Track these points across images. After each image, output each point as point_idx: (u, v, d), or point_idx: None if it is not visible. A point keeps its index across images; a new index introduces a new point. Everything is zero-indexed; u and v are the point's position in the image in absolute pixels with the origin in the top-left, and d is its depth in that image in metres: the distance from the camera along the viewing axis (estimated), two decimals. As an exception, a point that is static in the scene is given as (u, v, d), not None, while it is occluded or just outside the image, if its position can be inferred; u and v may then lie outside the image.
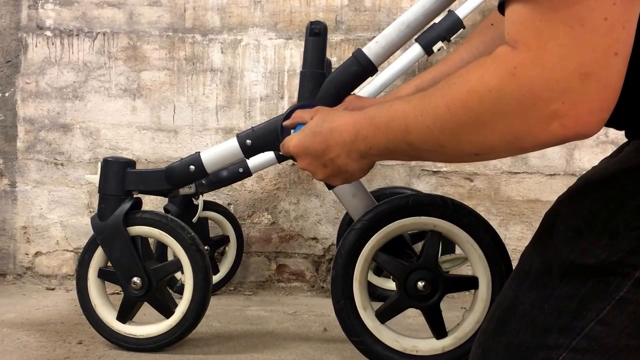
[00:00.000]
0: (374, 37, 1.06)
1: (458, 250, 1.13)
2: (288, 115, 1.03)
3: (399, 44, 1.05)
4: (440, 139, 0.56)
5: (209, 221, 1.72)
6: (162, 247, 1.58)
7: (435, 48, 1.59)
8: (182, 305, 1.18)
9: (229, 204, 1.84)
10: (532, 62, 0.47)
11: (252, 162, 1.63)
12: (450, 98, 0.53)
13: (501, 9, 0.52)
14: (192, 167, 1.15)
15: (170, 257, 1.60)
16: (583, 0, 0.44)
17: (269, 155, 1.64)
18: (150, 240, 1.29)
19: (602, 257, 0.54)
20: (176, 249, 1.18)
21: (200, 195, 1.55)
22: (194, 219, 1.47)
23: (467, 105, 0.52)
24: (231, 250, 1.74)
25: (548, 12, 0.46)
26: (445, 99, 0.54)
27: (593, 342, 0.52)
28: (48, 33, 1.86)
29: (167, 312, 1.19)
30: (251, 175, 1.69)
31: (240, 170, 1.64)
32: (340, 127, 0.70)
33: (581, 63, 0.45)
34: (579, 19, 0.45)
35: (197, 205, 1.53)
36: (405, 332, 1.09)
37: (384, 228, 1.04)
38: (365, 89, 1.65)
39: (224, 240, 1.74)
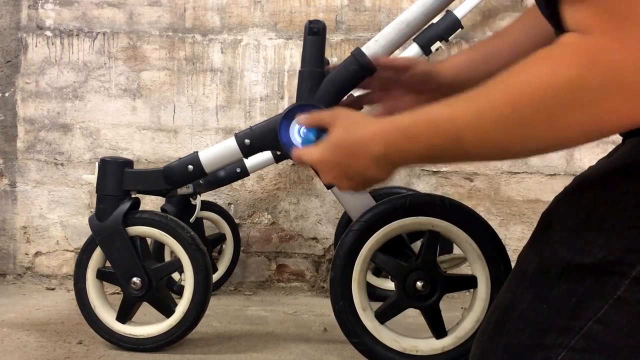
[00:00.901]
0: (374, 37, 1.06)
1: (457, 250, 1.13)
2: (287, 114, 1.03)
3: (398, 43, 1.05)
4: (504, 141, 0.52)
5: (204, 220, 1.72)
6: (160, 247, 1.58)
7: (433, 48, 1.59)
8: (183, 305, 1.18)
9: (229, 204, 1.84)
10: (612, 46, 0.45)
11: (250, 162, 1.63)
12: (515, 96, 0.50)
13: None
14: (190, 166, 1.15)
15: (167, 257, 1.60)
16: None
17: (267, 155, 1.64)
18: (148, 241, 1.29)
19: (599, 257, 0.53)
20: (176, 249, 1.18)
21: (198, 195, 1.55)
22: (192, 219, 1.47)
23: (538, 102, 0.48)
24: (228, 248, 1.75)
25: None
26: (508, 98, 0.50)
27: (591, 341, 0.52)
28: (48, 33, 1.86)
29: (168, 312, 1.19)
30: (249, 175, 1.69)
31: (238, 170, 1.65)
32: (367, 140, 0.65)
33: None
34: None
35: (195, 205, 1.52)
36: (405, 332, 1.09)
37: (382, 228, 1.04)
38: (364, 89, 1.65)
39: (221, 239, 1.74)
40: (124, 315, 1.19)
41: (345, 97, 1.05)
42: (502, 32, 0.88)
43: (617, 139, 0.60)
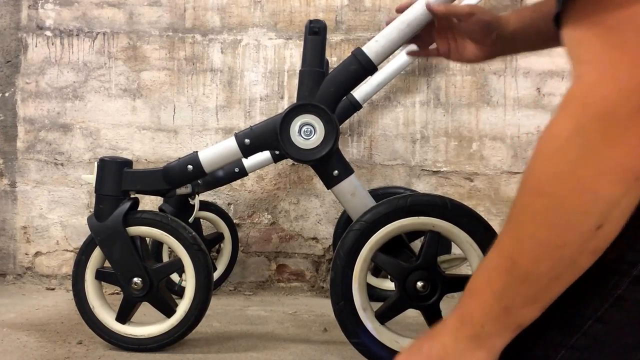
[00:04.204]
0: (374, 37, 1.06)
1: (457, 250, 1.13)
2: (287, 114, 1.03)
3: (399, 43, 1.05)
4: (552, 236, 0.46)
5: (202, 220, 1.72)
6: (158, 247, 1.58)
7: (432, 48, 1.59)
8: (184, 304, 1.18)
9: (229, 204, 1.84)
10: (601, 80, 0.42)
11: (248, 162, 1.63)
12: (537, 184, 0.47)
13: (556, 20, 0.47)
14: (189, 166, 1.15)
15: (165, 257, 1.60)
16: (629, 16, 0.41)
17: (265, 154, 1.64)
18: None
19: (600, 255, 0.53)
20: (177, 248, 1.18)
21: (196, 195, 1.55)
22: (190, 219, 1.47)
23: (558, 181, 0.45)
24: (227, 248, 1.75)
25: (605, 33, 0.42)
26: (532, 191, 0.47)
27: (592, 339, 0.52)
28: (48, 33, 1.86)
29: (169, 312, 1.19)
30: (247, 175, 1.69)
31: (236, 170, 1.65)
32: (437, 342, 0.54)
33: None
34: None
35: (193, 205, 1.52)
36: (405, 332, 1.09)
37: (382, 228, 1.03)
38: (362, 89, 1.66)
39: (219, 238, 1.74)
40: (124, 316, 1.19)
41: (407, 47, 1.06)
42: None
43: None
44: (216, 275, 1.72)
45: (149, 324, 1.20)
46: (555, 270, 0.48)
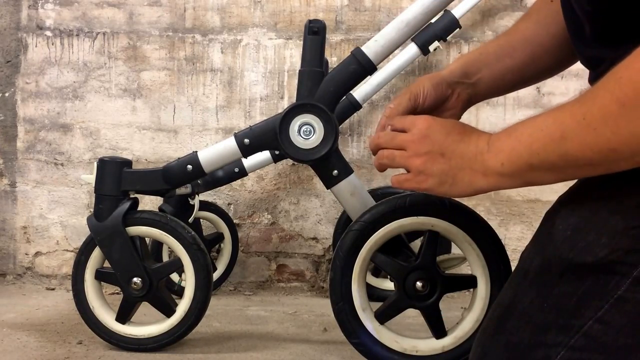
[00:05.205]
0: (373, 37, 1.06)
1: (456, 250, 1.13)
2: (286, 113, 1.03)
3: (398, 43, 1.05)
4: (613, 142, 0.49)
5: (202, 220, 1.72)
6: (158, 247, 1.58)
7: (431, 48, 1.59)
8: (184, 304, 1.18)
9: (229, 204, 1.84)
10: None
11: (248, 161, 1.63)
12: (621, 92, 0.48)
13: None
14: (189, 166, 1.15)
15: (165, 257, 1.60)
16: None
17: (265, 154, 1.64)
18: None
19: (601, 256, 0.53)
20: (177, 248, 1.18)
21: (196, 195, 1.55)
22: (190, 219, 1.47)
23: None
24: (227, 247, 1.75)
25: None
26: (614, 94, 0.49)
27: (591, 340, 0.52)
28: (48, 33, 1.86)
29: (169, 312, 1.19)
30: (247, 175, 1.69)
31: (236, 170, 1.65)
32: (475, 135, 0.63)
33: None
34: None
35: (193, 205, 1.53)
36: (405, 332, 1.09)
37: (382, 228, 1.03)
38: (362, 89, 1.66)
39: (219, 238, 1.74)
40: (124, 316, 1.19)
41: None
42: (511, 30, 0.85)
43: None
44: (216, 275, 1.72)
45: (148, 324, 1.20)
46: (594, 164, 0.52)
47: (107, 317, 1.19)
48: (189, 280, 1.18)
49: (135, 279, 1.16)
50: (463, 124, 0.68)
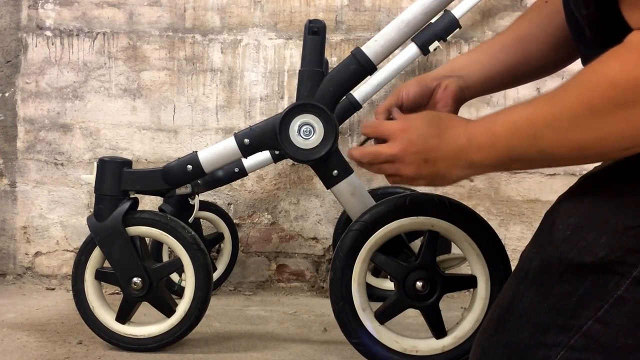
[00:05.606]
0: (373, 37, 1.06)
1: (456, 250, 1.13)
2: (286, 113, 1.03)
3: (398, 43, 1.05)
4: (581, 140, 0.53)
5: (201, 220, 1.72)
6: (158, 247, 1.58)
7: (431, 47, 1.59)
8: (184, 304, 1.18)
9: (229, 204, 1.84)
10: None
11: (248, 161, 1.63)
12: (588, 96, 0.51)
13: None
14: (189, 166, 1.15)
15: (165, 257, 1.60)
16: None
17: (265, 154, 1.64)
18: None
19: (601, 256, 0.53)
20: (177, 248, 1.18)
21: (196, 195, 1.55)
22: (190, 219, 1.47)
23: (610, 98, 0.50)
24: (227, 247, 1.75)
25: None
26: (582, 98, 0.52)
27: (591, 340, 0.52)
28: (48, 33, 1.86)
29: (169, 312, 1.19)
30: (247, 175, 1.69)
31: (236, 170, 1.65)
32: (453, 131, 0.66)
33: None
34: None
35: (193, 205, 1.53)
36: (405, 332, 1.09)
37: (382, 228, 1.03)
38: (362, 89, 1.66)
39: (219, 238, 1.74)
40: (124, 316, 1.19)
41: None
42: (505, 30, 0.87)
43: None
44: (216, 275, 1.72)
45: (148, 324, 1.20)
46: (571, 157, 0.55)
47: (107, 317, 1.19)
48: (189, 280, 1.18)
49: (135, 279, 1.16)
50: (438, 115, 0.71)
